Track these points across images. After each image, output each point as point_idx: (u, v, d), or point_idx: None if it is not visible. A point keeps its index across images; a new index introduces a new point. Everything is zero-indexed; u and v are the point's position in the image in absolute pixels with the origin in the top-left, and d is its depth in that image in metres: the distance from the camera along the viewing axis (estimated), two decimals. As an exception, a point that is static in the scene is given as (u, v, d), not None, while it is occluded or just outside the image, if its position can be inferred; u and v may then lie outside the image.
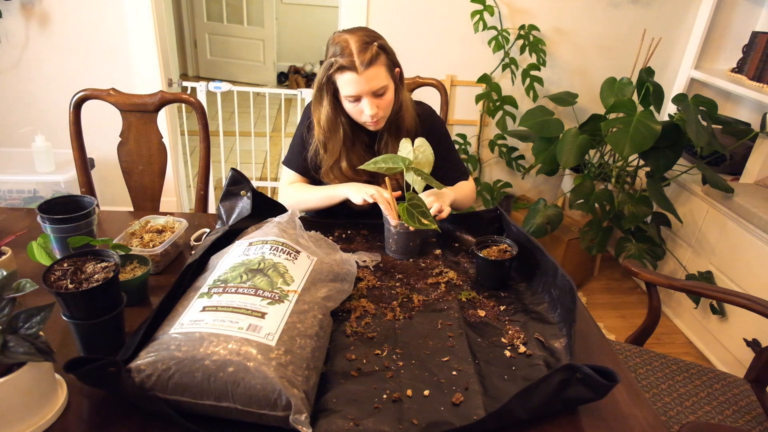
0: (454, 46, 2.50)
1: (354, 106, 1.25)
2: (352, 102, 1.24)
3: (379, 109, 1.25)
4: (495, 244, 1.15)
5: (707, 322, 2.15)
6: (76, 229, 1.02)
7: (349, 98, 1.24)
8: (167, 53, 2.50)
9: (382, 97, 1.24)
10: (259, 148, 3.81)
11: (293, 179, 1.44)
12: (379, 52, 1.21)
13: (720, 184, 2.01)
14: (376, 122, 1.28)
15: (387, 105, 1.26)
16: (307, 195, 1.38)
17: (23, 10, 2.26)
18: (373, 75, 1.20)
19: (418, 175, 1.14)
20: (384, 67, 1.22)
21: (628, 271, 1.45)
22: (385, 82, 1.23)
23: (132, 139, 1.57)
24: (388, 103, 1.27)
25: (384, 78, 1.22)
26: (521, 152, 2.71)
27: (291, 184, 1.43)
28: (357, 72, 1.18)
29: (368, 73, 1.19)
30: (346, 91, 1.22)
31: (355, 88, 1.20)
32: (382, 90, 1.23)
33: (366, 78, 1.19)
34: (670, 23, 2.54)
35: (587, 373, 0.72)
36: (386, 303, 1.03)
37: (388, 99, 1.26)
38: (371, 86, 1.20)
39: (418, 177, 1.14)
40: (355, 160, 1.33)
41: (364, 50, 1.19)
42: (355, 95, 1.22)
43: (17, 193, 2.21)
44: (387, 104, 1.26)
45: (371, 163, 1.14)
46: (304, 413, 0.70)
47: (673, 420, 1.18)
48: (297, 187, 1.41)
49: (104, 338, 0.83)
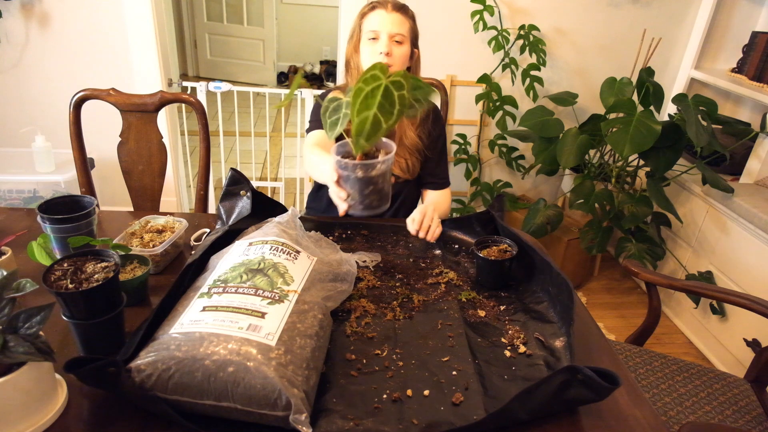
0: (454, 46, 2.50)
1: (371, 45, 1.33)
2: (371, 40, 1.33)
3: (393, 56, 1.32)
4: (495, 244, 1.15)
5: (707, 322, 2.15)
6: (76, 229, 1.02)
7: (370, 35, 1.33)
8: (167, 53, 2.50)
9: (398, 45, 1.34)
10: (259, 148, 3.81)
11: (312, 139, 1.37)
12: (410, 13, 1.38)
13: (720, 184, 2.01)
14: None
15: (400, 57, 1.34)
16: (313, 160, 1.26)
17: (23, 10, 2.26)
18: (399, 20, 1.33)
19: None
20: (408, 25, 1.36)
21: (628, 271, 1.45)
22: (405, 34, 1.34)
23: (132, 139, 1.57)
24: (402, 56, 1.35)
25: (405, 30, 1.34)
26: (521, 152, 2.71)
27: (311, 145, 1.33)
28: (386, 9, 1.33)
29: (395, 15, 1.33)
30: (369, 25, 1.33)
31: (379, 23, 1.32)
32: (401, 38, 1.33)
33: (391, 18, 1.32)
34: (670, 23, 2.54)
35: (588, 375, 0.72)
36: (386, 303, 1.03)
37: (403, 52, 1.35)
38: (393, 27, 1.32)
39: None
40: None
41: (398, 2, 1.36)
42: (376, 30, 1.32)
43: (17, 193, 2.21)
44: (400, 56, 1.34)
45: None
46: (304, 413, 0.70)
47: (673, 420, 1.18)
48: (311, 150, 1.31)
49: (104, 338, 0.83)
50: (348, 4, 2.39)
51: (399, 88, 0.76)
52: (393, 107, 0.76)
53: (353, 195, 0.93)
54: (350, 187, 0.92)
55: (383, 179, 0.92)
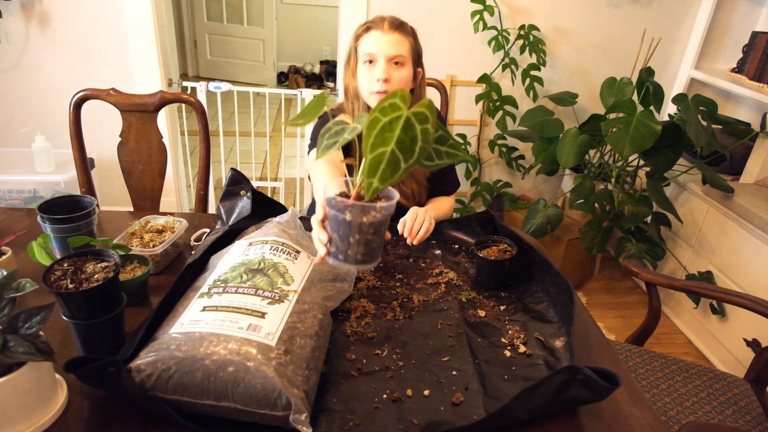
0: (454, 46, 2.50)
1: (368, 69, 1.22)
2: (367, 64, 1.22)
3: (391, 80, 1.21)
4: (495, 244, 1.15)
5: (707, 322, 2.15)
6: (76, 229, 1.02)
7: (366, 57, 1.21)
8: (167, 53, 2.50)
9: (398, 68, 1.22)
10: (259, 148, 3.81)
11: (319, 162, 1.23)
12: (409, 30, 1.24)
13: (720, 184, 2.01)
14: (384, 95, 1.22)
15: (400, 81, 1.22)
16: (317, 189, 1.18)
17: (23, 10, 2.26)
18: (396, 41, 1.20)
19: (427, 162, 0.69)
20: (408, 44, 1.23)
21: (628, 271, 1.45)
22: (405, 55, 1.22)
23: (132, 139, 1.57)
24: (402, 80, 1.23)
25: (405, 51, 1.22)
26: (521, 152, 2.71)
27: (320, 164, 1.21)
28: (382, 30, 1.20)
29: (392, 35, 1.20)
30: (365, 48, 1.21)
31: (375, 46, 1.20)
32: (400, 59, 1.21)
33: (388, 40, 1.19)
34: (670, 23, 2.54)
35: (588, 375, 0.72)
36: (386, 303, 1.03)
37: (403, 76, 1.23)
38: (391, 49, 1.19)
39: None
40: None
41: (395, 20, 1.22)
42: (372, 53, 1.20)
43: (17, 193, 2.21)
44: (401, 80, 1.22)
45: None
46: (304, 413, 0.70)
47: (673, 420, 1.18)
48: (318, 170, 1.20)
49: (104, 338, 0.83)
50: (348, 4, 2.38)
51: (423, 122, 0.63)
52: (414, 144, 0.63)
53: (335, 240, 0.77)
54: (335, 230, 0.76)
55: (376, 231, 0.75)
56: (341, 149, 1.08)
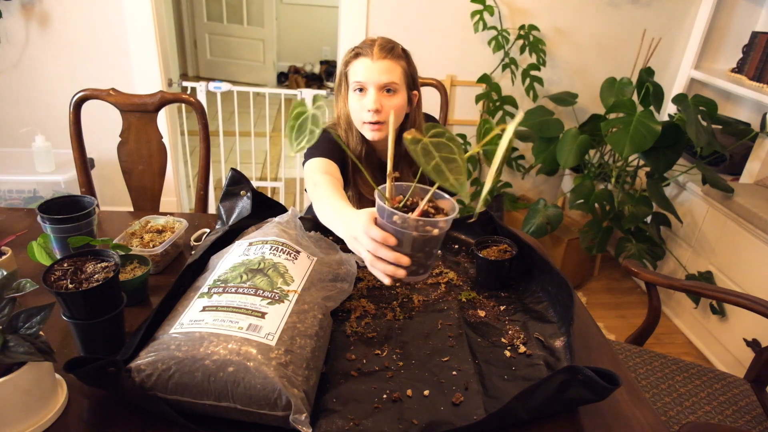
0: (454, 46, 2.50)
1: (359, 98, 1.17)
2: (357, 92, 1.17)
3: (383, 109, 1.15)
4: (495, 244, 1.15)
5: (707, 322, 2.15)
6: (76, 229, 1.02)
7: (356, 86, 1.16)
8: (167, 53, 2.50)
9: (390, 96, 1.16)
10: (258, 148, 3.81)
11: (317, 167, 1.16)
12: (400, 54, 1.17)
13: (720, 184, 2.01)
14: (376, 125, 1.17)
15: (392, 109, 1.12)
16: (318, 203, 1.07)
17: (23, 10, 2.26)
18: (387, 68, 1.13)
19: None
20: (400, 69, 1.16)
21: (628, 271, 1.45)
22: (397, 81, 1.16)
23: (132, 139, 1.57)
24: (394, 108, 1.16)
25: (397, 77, 1.15)
26: (521, 152, 2.71)
27: (319, 174, 1.13)
28: (371, 57, 1.13)
29: (382, 63, 1.13)
30: (354, 75, 1.15)
31: (365, 74, 1.14)
32: (392, 86, 1.15)
33: (378, 67, 1.13)
34: (670, 23, 2.54)
35: (589, 375, 0.72)
36: (386, 303, 1.03)
37: (396, 103, 1.17)
38: (381, 77, 1.13)
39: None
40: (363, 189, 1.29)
41: (385, 45, 1.15)
42: (362, 81, 1.14)
43: (17, 193, 2.21)
44: (392, 108, 1.15)
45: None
46: (304, 413, 0.70)
47: (673, 420, 1.18)
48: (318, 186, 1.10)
49: (104, 338, 0.83)
50: (348, 4, 2.39)
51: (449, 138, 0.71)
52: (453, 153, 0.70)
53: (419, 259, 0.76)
54: (418, 249, 0.76)
55: (437, 243, 0.77)
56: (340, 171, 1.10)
